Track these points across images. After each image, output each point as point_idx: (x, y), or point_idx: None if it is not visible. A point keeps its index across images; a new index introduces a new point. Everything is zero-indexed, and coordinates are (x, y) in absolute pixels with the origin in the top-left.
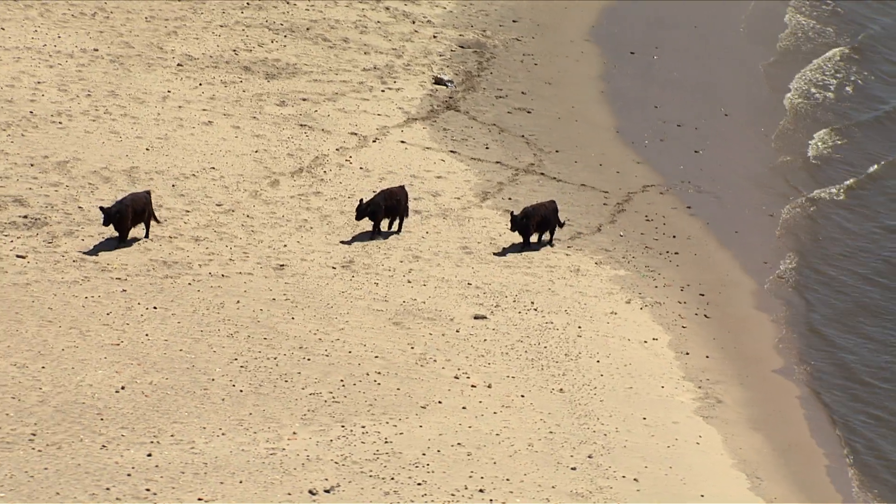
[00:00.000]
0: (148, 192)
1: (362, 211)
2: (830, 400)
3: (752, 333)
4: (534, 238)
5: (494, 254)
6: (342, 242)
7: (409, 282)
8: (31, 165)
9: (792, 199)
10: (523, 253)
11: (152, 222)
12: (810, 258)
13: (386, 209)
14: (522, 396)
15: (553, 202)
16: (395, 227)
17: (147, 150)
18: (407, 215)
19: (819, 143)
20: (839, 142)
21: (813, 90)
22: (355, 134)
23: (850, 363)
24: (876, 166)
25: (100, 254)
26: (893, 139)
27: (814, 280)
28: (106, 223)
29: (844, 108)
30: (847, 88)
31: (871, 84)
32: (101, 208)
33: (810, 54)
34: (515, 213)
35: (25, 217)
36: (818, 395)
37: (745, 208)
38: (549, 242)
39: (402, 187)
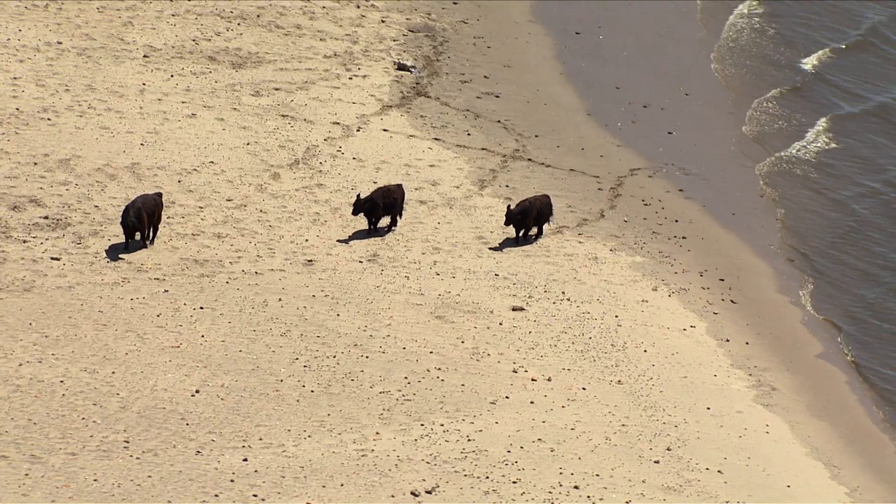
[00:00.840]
0: (159, 194)
1: (359, 206)
2: (879, 382)
3: (782, 318)
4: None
5: (505, 244)
6: (360, 236)
7: (438, 274)
8: (35, 164)
9: (777, 178)
10: (538, 242)
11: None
12: (811, 237)
13: (384, 207)
14: (584, 389)
15: (547, 196)
16: (389, 223)
17: (142, 145)
18: (402, 214)
19: (778, 118)
20: (790, 111)
21: (753, 63)
22: (338, 123)
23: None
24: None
25: (130, 254)
26: (822, 102)
27: (823, 259)
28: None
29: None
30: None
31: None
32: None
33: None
34: (512, 207)
35: (46, 218)
36: (866, 379)
37: (735, 189)
38: (538, 235)
39: (400, 185)
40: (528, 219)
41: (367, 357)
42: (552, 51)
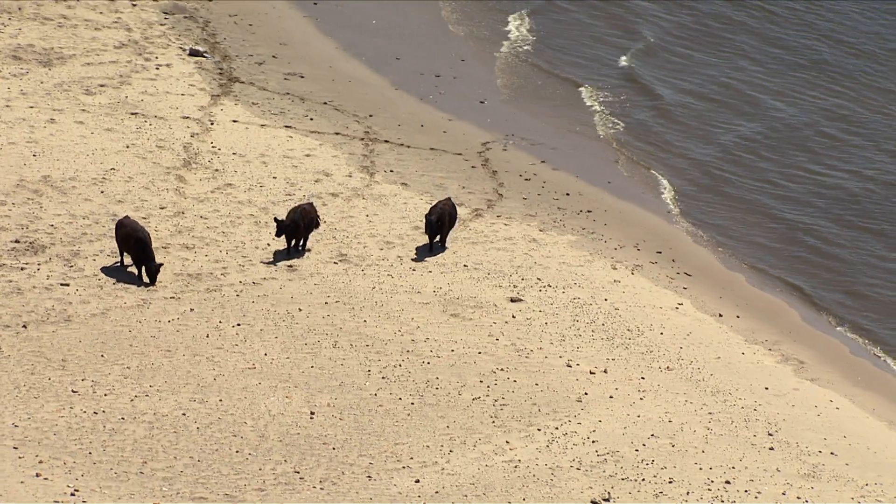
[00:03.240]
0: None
1: (283, 229)
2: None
3: (740, 285)
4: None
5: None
6: (309, 238)
7: (414, 270)
8: None
9: (619, 139)
10: (473, 228)
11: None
12: (698, 198)
13: (304, 227)
14: (643, 378)
15: (450, 199)
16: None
17: (34, 156)
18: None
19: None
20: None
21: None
22: (187, 117)
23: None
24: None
25: (121, 272)
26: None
27: (727, 216)
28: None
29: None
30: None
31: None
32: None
33: None
34: (433, 217)
35: (17, 242)
36: (870, 341)
37: (586, 156)
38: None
39: (312, 204)
40: (444, 225)
41: (427, 363)
42: (310, 25)
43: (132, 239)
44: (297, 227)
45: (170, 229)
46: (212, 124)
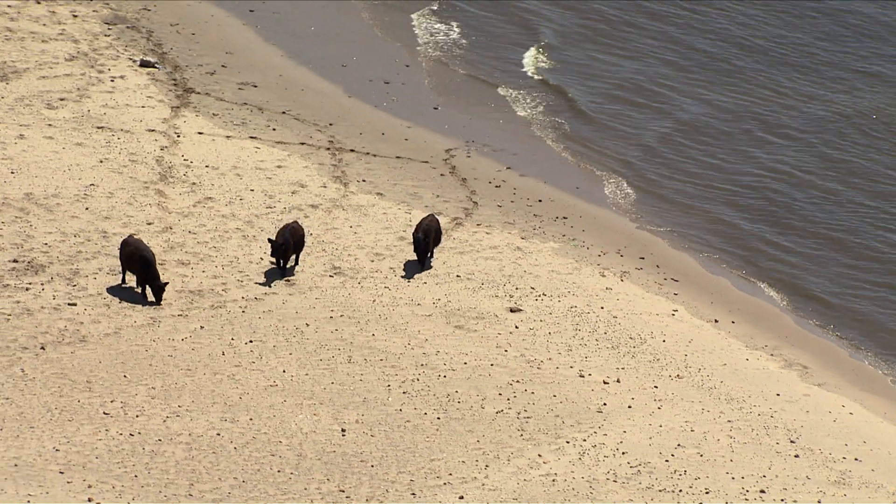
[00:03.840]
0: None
1: (278, 250)
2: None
3: (726, 289)
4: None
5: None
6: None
7: (409, 282)
8: None
9: (569, 141)
10: (457, 238)
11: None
12: (664, 199)
13: (295, 245)
14: (656, 387)
15: (433, 215)
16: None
17: (12, 173)
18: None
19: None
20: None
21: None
22: (153, 130)
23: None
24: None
25: (125, 290)
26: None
27: (702, 224)
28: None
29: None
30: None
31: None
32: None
33: None
34: (419, 235)
35: (15, 261)
36: (856, 346)
37: (545, 160)
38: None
39: (297, 221)
40: (430, 242)
41: (443, 376)
42: (251, 32)
43: (136, 258)
44: (289, 245)
45: (161, 245)
46: (178, 137)
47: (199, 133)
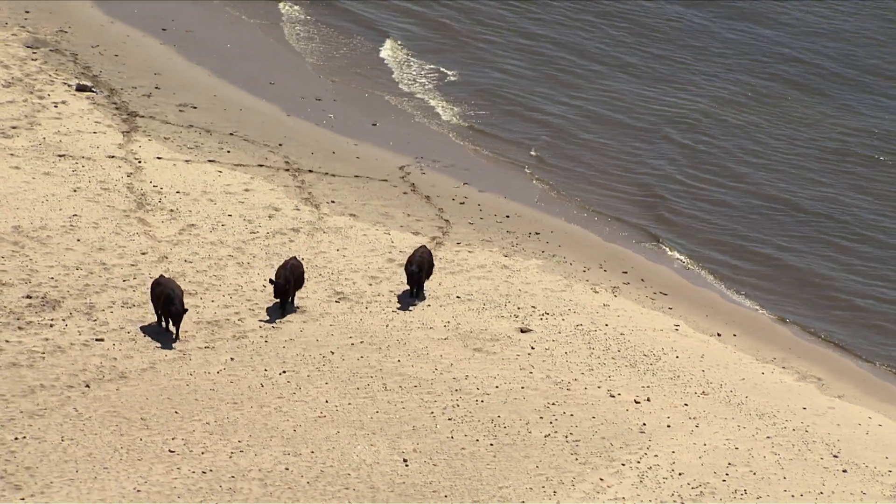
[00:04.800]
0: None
1: (281, 290)
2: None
3: (716, 302)
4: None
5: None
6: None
7: (414, 305)
8: None
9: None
10: (444, 258)
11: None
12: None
13: (294, 283)
14: (686, 405)
15: (425, 246)
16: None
17: None
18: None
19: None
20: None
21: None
22: (113, 157)
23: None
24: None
25: (146, 323)
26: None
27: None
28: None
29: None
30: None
31: None
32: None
33: None
34: (413, 267)
35: (29, 297)
36: (856, 354)
37: (496, 175)
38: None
39: (295, 258)
40: (423, 274)
41: (480, 401)
42: (172, 52)
43: (163, 297)
44: (290, 283)
45: (162, 274)
46: (140, 163)
47: (159, 158)
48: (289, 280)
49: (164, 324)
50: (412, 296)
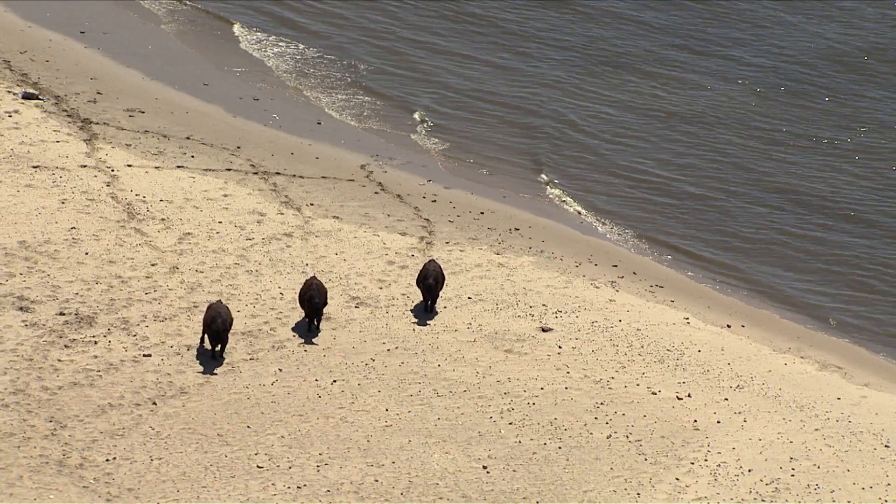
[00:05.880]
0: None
1: (317, 311)
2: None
3: (706, 292)
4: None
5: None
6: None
7: (426, 310)
8: None
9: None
10: (438, 257)
11: None
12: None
13: (322, 304)
14: (726, 400)
15: (434, 261)
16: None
17: None
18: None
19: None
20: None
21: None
22: (85, 166)
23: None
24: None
25: (183, 337)
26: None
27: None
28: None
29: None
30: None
31: None
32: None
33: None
34: (429, 281)
35: (62, 314)
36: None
37: (454, 170)
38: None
39: (315, 277)
40: (440, 286)
41: (532, 404)
42: (99, 55)
43: (217, 325)
44: (321, 304)
45: (181, 287)
46: (112, 171)
47: (129, 166)
48: (324, 301)
49: (209, 345)
50: (427, 310)
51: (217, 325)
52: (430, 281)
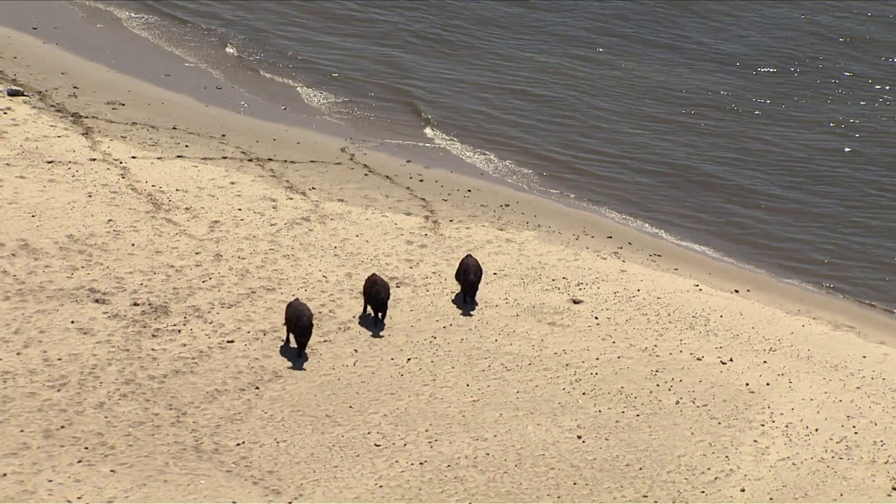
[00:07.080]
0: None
1: (383, 303)
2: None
3: (701, 260)
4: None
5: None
6: (334, 264)
7: (465, 302)
8: None
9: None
10: (449, 235)
11: None
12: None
13: (386, 297)
14: (766, 363)
15: (471, 255)
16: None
17: (33, 216)
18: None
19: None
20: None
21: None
22: (94, 160)
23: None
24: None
25: (253, 321)
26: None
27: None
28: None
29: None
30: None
31: None
32: None
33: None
34: (470, 276)
35: (136, 305)
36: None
37: (427, 150)
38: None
39: (375, 274)
40: (479, 281)
41: (595, 373)
42: (59, 50)
43: (302, 323)
44: (386, 298)
45: (236, 276)
46: (121, 163)
47: (133, 157)
48: (388, 295)
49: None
50: (465, 302)
51: (304, 321)
52: (472, 276)
